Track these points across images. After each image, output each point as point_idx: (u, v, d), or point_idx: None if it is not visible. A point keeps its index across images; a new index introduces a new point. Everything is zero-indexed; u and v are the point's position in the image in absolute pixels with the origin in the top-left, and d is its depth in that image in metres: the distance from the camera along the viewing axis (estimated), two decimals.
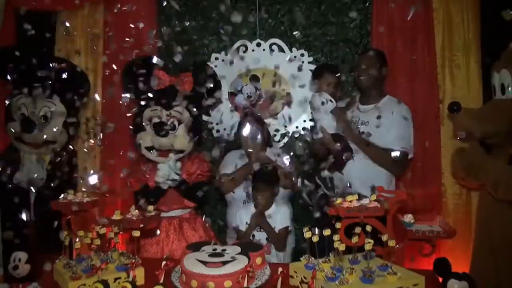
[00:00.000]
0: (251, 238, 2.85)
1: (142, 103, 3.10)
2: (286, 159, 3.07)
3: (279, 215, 2.88)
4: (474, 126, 2.83)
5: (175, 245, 2.99)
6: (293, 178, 3.07)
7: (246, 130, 3.07)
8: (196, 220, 3.15)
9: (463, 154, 2.98)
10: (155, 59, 3.13)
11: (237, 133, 3.19)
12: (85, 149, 3.66)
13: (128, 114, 3.24)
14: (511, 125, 2.74)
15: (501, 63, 2.89)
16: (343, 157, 2.87)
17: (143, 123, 3.06)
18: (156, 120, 3.00)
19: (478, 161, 2.86)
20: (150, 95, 3.05)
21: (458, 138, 2.67)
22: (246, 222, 2.87)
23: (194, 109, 3.07)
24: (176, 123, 3.01)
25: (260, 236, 2.86)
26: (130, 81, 3.14)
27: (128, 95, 3.09)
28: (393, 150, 2.83)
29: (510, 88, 2.78)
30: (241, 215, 2.93)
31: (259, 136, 3.07)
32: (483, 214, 3.00)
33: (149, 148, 3.02)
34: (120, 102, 3.32)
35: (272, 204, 2.90)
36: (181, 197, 3.01)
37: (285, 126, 3.66)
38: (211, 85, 3.08)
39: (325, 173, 2.98)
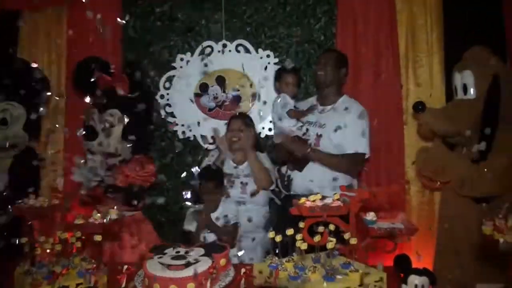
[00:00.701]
0: (202, 240, 2.80)
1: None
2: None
3: (229, 213, 2.85)
4: (438, 125, 2.90)
5: (127, 247, 2.98)
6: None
7: None
8: (138, 224, 3.11)
9: (428, 154, 3.05)
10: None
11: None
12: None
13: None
14: (473, 124, 2.81)
15: (463, 64, 2.96)
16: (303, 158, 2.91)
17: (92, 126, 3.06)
18: (91, 123, 2.98)
19: (443, 160, 2.92)
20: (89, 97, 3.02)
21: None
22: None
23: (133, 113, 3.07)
24: (108, 126, 3.01)
25: (211, 238, 2.81)
26: (79, 82, 3.13)
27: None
28: (344, 154, 2.88)
29: (472, 89, 2.85)
30: (190, 218, 2.89)
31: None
32: (446, 213, 3.07)
33: (88, 151, 3.03)
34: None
35: (219, 206, 2.86)
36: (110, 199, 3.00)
37: None
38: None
39: (284, 169, 3.00)
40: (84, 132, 2.98)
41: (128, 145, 3.03)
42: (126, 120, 3.04)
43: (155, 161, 3.42)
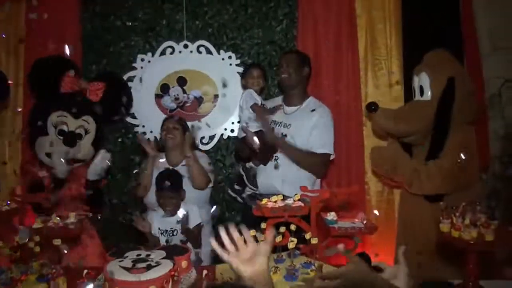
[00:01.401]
0: (165, 243, 2.75)
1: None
2: None
3: (191, 215, 2.81)
4: (390, 126, 2.98)
5: (72, 252, 2.91)
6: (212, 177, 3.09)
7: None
8: (91, 227, 3.09)
9: (379, 153, 3.14)
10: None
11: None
12: None
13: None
14: (426, 124, 2.90)
15: (420, 66, 3.05)
16: (267, 154, 2.94)
17: (47, 127, 2.98)
18: (63, 127, 2.93)
19: (394, 159, 3.01)
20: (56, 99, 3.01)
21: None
22: (158, 228, 2.79)
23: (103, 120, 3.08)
24: (83, 132, 2.98)
25: (175, 241, 2.77)
26: (35, 82, 3.07)
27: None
28: (311, 152, 2.92)
29: (429, 91, 2.94)
30: (152, 220, 2.82)
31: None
32: (405, 214, 3.16)
33: (48, 155, 2.95)
34: None
35: (180, 208, 2.82)
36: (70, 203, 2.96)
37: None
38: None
39: (250, 163, 3.02)
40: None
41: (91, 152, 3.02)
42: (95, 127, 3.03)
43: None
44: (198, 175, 2.97)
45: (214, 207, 2.96)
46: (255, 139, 2.88)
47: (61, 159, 2.88)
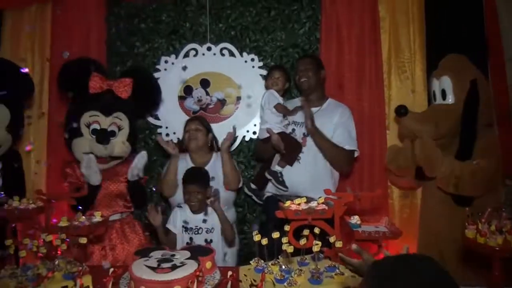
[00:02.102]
0: (189, 242, 2.78)
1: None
2: None
3: (215, 219, 2.81)
4: (421, 128, 2.95)
5: (118, 249, 2.96)
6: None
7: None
8: (135, 223, 3.13)
9: (399, 150, 3.10)
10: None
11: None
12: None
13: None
14: (454, 127, 2.88)
15: (440, 70, 3.03)
16: (292, 154, 2.96)
17: (81, 128, 3.01)
18: (96, 126, 2.96)
19: (432, 154, 2.94)
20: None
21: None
22: (183, 225, 2.80)
23: (135, 116, 3.09)
24: (116, 129, 2.99)
25: (199, 239, 2.78)
26: (66, 84, 3.10)
27: None
28: (340, 146, 2.95)
29: (452, 95, 2.92)
30: (175, 218, 2.84)
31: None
32: (429, 218, 3.12)
33: (87, 154, 2.97)
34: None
35: (207, 208, 2.82)
36: (111, 201, 2.99)
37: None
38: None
39: (276, 167, 3.02)
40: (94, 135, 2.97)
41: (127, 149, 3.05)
42: (129, 123, 3.05)
43: None
44: (231, 175, 2.99)
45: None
46: (280, 140, 2.91)
47: (94, 169, 2.89)
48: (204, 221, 2.79)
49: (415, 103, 3.42)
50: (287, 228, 2.21)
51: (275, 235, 2.08)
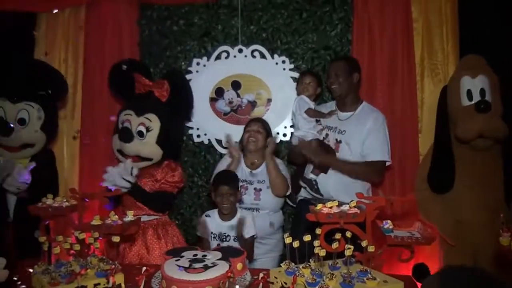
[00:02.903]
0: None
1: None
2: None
3: (247, 224, 2.74)
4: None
5: (135, 250, 2.98)
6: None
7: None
8: (165, 227, 3.11)
9: None
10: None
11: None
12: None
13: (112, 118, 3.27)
14: None
15: (460, 71, 2.99)
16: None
17: (118, 126, 3.07)
18: (127, 125, 3.00)
19: None
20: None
21: None
22: (211, 232, 2.78)
23: (169, 117, 3.09)
24: (144, 130, 3.01)
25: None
26: (115, 83, 3.18)
27: None
28: (365, 162, 2.90)
29: (490, 93, 2.91)
30: (206, 226, 2.81)
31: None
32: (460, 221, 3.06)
33: (119, 152, 3.03)
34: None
35: (237, 212, 2.81)
36: (136, 203, 3.00)
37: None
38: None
39: (310, 175, 3.00)
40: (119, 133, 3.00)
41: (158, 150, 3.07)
42: (160, 125, 3.05)
43: None
44: (278, 181, 3.00)
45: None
46: (311, 151, 2.91)
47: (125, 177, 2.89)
48: (232, 227, 2.76)
49: None
50: (318, 231, 2.19)
51: (306, 238, 2.07)
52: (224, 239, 2.75)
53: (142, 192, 2.97)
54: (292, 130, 3.49)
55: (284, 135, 3.60)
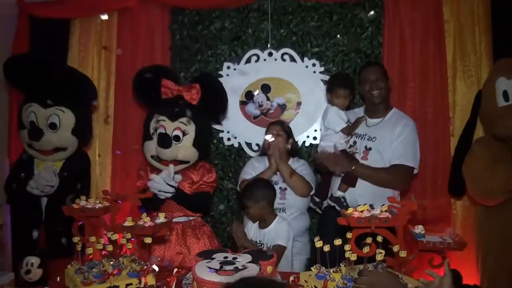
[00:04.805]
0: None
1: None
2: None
3: (274, 232, 2.75)
4: None
5: (176, 250, 3.00)
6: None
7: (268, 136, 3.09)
8: (201, 228, 3.14)
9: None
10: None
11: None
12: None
13: None
14: None
15: (494, 74, 2.91)
16: (352, 175, 2.86)
17: (150, 132, 3.10)
18: (161, 130, 3.03)
19: None
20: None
21: None
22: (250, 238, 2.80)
23: (202, 120, 3.12)
24: (180, 134, 3.04)
25: None
26: (140, 90, 3.20)
27: None
28: (389, 168, 2.82)
29: None
30: (248, 226, 2.87)
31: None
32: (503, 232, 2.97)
33: (154, 157, 3.06)
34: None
35: (274, 220, 2.79)
36: (176, 205, 3.04)
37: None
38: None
39: (338, 193, 2.92)
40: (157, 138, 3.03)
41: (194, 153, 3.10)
42: (195, 128, 3.08)
43: None
44: (294, 184, 3.00)
45: None
46: (337, 165, 2.85)
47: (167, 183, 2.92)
48: (266, 234, 2.77)
49: None
50: (349, 235, 2.18)
51: (337, 242, 2.06)
52: (259, 246, 2.77)
53: (184, 195, 3.01)
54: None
55: (314, 138, 3.59)
